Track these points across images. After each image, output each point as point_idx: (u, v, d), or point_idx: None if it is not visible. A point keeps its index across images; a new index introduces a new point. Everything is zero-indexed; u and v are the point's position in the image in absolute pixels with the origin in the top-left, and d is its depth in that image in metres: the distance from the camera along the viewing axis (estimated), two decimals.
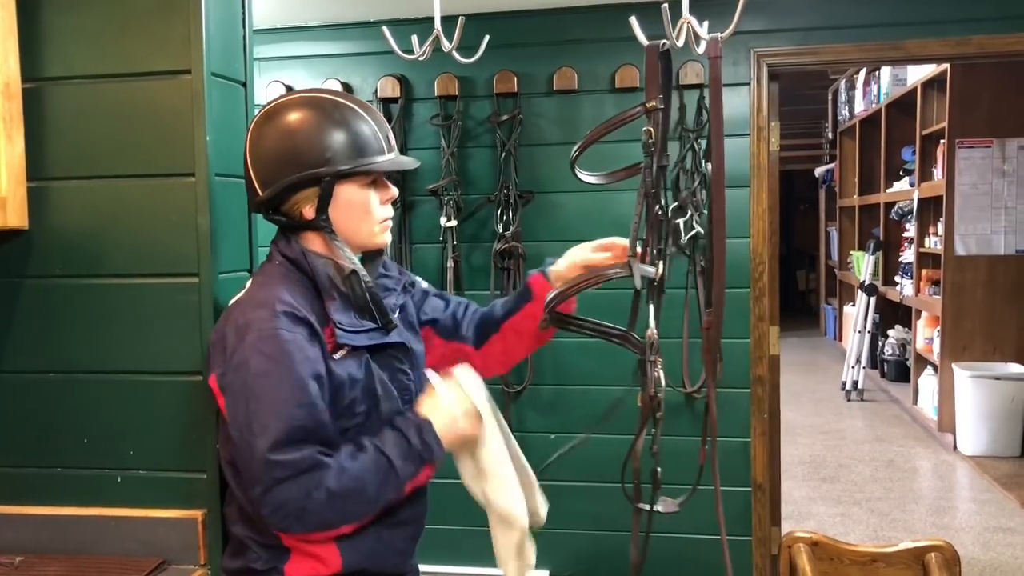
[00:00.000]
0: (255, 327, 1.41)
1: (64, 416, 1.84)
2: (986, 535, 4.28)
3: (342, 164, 1.49)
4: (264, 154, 1.51)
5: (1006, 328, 5.63)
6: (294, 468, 1.37)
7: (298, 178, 1.48)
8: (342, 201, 1.52)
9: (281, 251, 1.54)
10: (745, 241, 3.14)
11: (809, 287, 12.51)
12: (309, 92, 1.56)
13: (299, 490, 1.37)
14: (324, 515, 1.39)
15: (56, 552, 1.80)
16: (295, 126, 1.49)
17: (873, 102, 7.80)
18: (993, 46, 2.97)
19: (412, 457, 1.46)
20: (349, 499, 1.40)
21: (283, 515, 1.38)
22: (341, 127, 1.50)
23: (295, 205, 1.51)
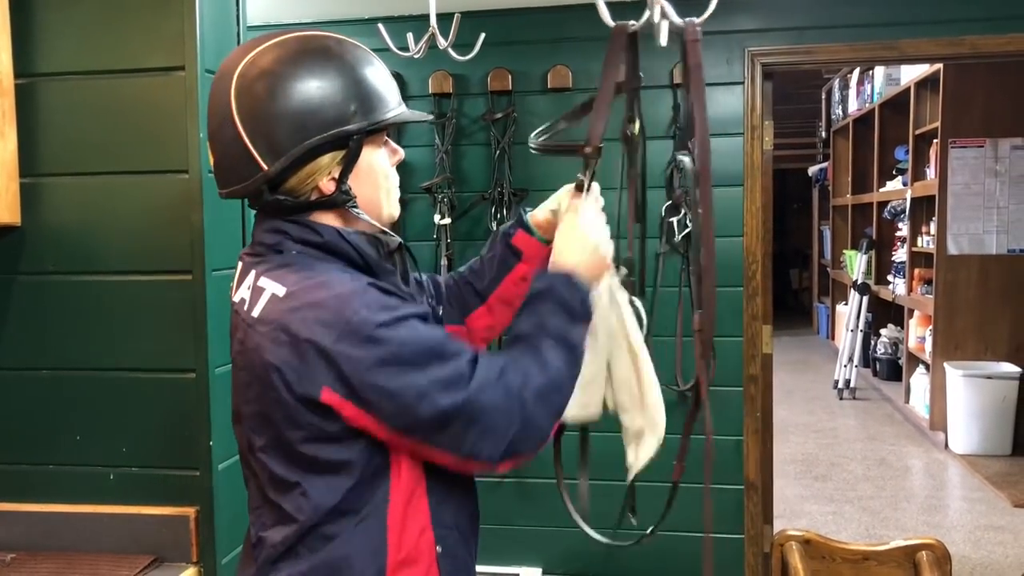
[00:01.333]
0: (355, 307, 1.11)
1: (56, 413, 1.83)
2: (977, 533, 4.30)
3: (369, 117, 1.20)
4: (267, 116, 1.16)
5: (998, 327, 5.65)
6: (490, 382, 1.15)
7: (323, 139, 1.17)
8: (363, 166, 1.23)
9: (299, 238, 1.21)
10: (738, 240, 3.14)
11: (802, 286, 12.53)
12: (300, 34, 1.25)
13: (506, 399, 1.15)
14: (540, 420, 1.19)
15: (48, 549, 1.80)
16: (302, 74, 1.18)
17: (866, 102, 7.82)
18: (986, 46, 2.98)
19: (577, 319, 1.25)
20: (552, 390, 1.21)
21: (510, 439, 1.16)
22: (359, 73, 1.22)
23: (310, 177, 1.20)
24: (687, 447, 1.44)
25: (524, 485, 3.26)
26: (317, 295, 1.13)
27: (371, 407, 1.12)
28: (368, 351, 1.10)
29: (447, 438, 1.14)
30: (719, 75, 3.13)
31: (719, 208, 3.14)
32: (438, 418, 1.12)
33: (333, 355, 1.10)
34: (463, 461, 1.17)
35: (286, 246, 1.21)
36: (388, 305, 1.14)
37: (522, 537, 3.27)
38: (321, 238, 1.20)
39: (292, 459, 1.18)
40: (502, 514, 3.28)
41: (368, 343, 1.10)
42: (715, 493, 3.22)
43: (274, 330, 1.14)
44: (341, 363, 1.10)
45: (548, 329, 1.22)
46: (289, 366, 1.12)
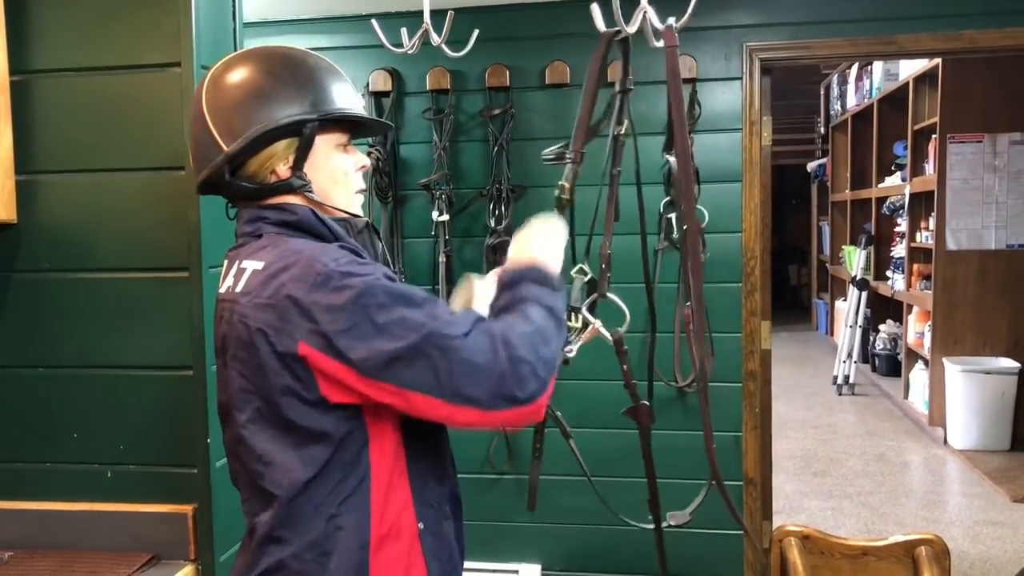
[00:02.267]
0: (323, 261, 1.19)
1: (53, 411, 1.83)
2: (976, 528, 4.30)
3: (320, 107, 1.30)
4: (229, 104, 1.28)
5: (997, 323, 5.65)
6: (467, 322, 1.17)
7: (275, 124, 1.26)
8: (320, 156, 1.32)
9: (275, 220, 1.30)
10: (737, 236, 3.14)
11: (801, 282, 12.53)
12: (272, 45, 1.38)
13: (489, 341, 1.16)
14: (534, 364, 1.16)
15: (46, 547, 1.80)
16: (263, 69, 1.30)
17: (865, 97, 7.81)
18: (984, 41, 2.98)
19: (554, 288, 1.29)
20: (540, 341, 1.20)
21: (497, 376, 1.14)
22: (321, 73, 1.33)
23: (266, 162, 1.29)
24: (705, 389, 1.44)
25: (524, 482, 3.26)
26: (290, 259, 1.21)
27: (344, 355, 1.15)
28: (337, 296, 1.16)
29: (425, 376, 1.14)
30: (717, 71, 3.12)
31: (718, 204, 3.14)
32: (409, 352, 1.14)
33: (306, 305, 1.17)
34: (454, 406, 1.15)
35: (264, 230, 1.30)
36: (356, 260, 1.22)
37: (521, 534, 3.27)
38: (296, 216, 1.29)
39: (272, 430, 1.23)
40: (501, 511, 3.28)
41: (336, 290, 1.16)
42: (714, 488, 3.21)
43: (255, 296, 1.22)
44: (315, 312, 1.16)
45: (526, 297, 1.25)
46: (270, 326, 1.19)
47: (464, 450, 3.27)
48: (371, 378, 1.16)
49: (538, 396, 1.17)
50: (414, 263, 3.31)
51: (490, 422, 1.18)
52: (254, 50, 1.35)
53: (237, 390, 1.25)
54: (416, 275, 3.31)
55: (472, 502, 3.51)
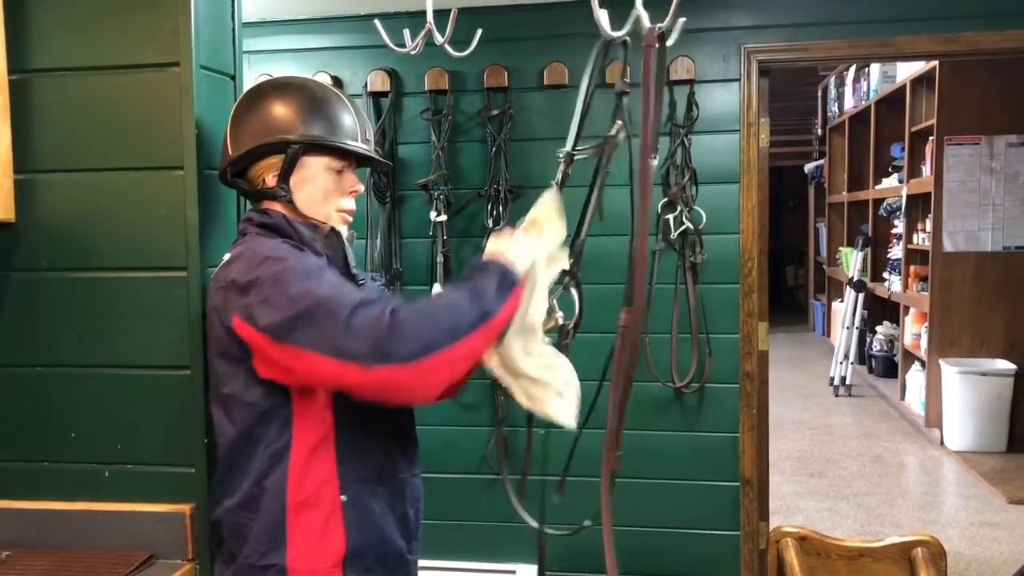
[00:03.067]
0: (263, 251, 1.44)
1: (51, 410, 1.83)
2: (972, 530, 4.31)
3: (311, 135, 1.52)
4: (243, 117, 1.56)
5: (993, 324, 5.65)
6: (365, 300, 1.35)
7: (267, 141, 1.52)
8: (306, 174, 1.54)
9: (257, 222, 1.54)
10: (735, 237, 3.14)
11: (798, 283, 12.55)
12: (296, 77, 1.64)
13: (378, 309, 1.32)
14: (417, 323, 1.30)
15: (43, 547, 1.80)
16: (276, 96, 1.56)
17: (863, 99, 7.83)
18: (982, 43, 2.98)
19: (492, 275, 1.38)
20: (436, 308, 1.34)
21: (375, 335, 1.29)
22: (321, 105, 1.55)
23: (259, 171, 1.55)
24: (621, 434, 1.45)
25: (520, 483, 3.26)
26: (244, 253, 1.47)
27: (258, 322, 1.37)
28: (259, 271, 1.39)
29: (313, 336, 1.32)
30: (715, 72, 3.13)
31: (716, 205, 3.14)
32: (302, 315, 1.33)
33: (242, 284, 1.41)
34: (333, 361, 1.31)
35: (248, 229, 1.55)
36: (291, 250, 1.45)
37: (518, 534, 3.27)
38: (271, 219, 1.53)
39: (217, 396, 1.51)
40: (498, 511, 3.28)
41: (263, 269, 1.39)
42: (711, 490, 3.22)
43: (215, 283, 1.50)
44: (245, 290, 1.40)
45: (460, 284, 1.41)
46: (218, 306, 1.46)
47: (461, 450, 3.28)
48: (277, 341, 1.36)
49: (421, 354, 1.29)
50: (412, 263, 3.31)
51: (376, 382, 1.31)
52: (282, 77, 1.64)
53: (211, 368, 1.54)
54: (414, 275, 3.31)
55: (469, 502, 3.54)
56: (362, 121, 1.60)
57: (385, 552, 1.54)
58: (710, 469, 3.21)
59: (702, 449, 3.22)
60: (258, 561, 1.46)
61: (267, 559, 1.46)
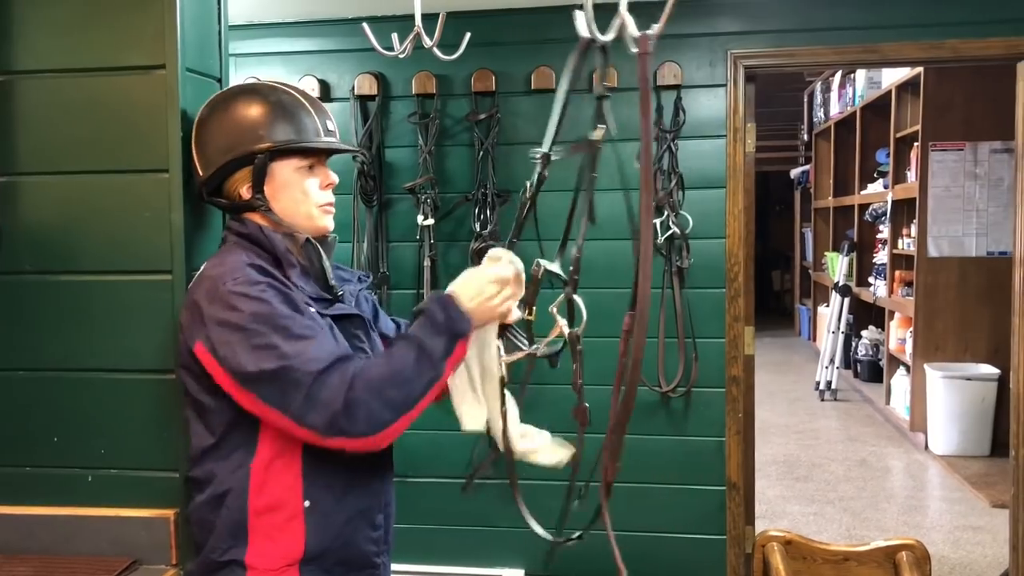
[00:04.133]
0: (226, 280, 1.44)
1: (33, 414, 1.81)
2: (956, 533, 4.33)
3: (274, 140, 1.53)
4: (204, 138, 1.58)
5: (977, 329, 5.69)
6: (326, 360, 1.39)
7: (233, 156, 1.53)
8: (278, 181, 1.56)
9: (235, 231, 1.57)
10: (721, 241, 3.15)
11: (784, 287, 12.60)
12: (252, 82, 1.67)
13: (339, 380, 1.37)
14: (371, 405, 1.38)
15: (25, 552, 1.78)
16: (232, 110, 1.56)
17: (848, 105, 7.87)
18: (966, 50, 3.01)
19: (440, 331, 1.46)
20: (389, 384, 1.40)
21: (330, 414, 1.36)
22: (275, 108, 1.55)
23: (233, 185, 1.56)
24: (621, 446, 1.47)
25: (507, 487, 3.25)
26: (212, 270, 1.50)
27: (221, 360, 1.42)
28: (226, 314, 1.41)
29: (276, 397, 1.39)
30: (702, 77, 3.14)
31: (702, 210, 3.15)
32: (266, 376, 1.38)
33: (205, 315, 1.44)
34: (292, 423, 1.40)
35: (228, 238, 1.59)
36: (255, 282, 1.44)
37: (504, 538, 3.26)
38: (247, 230, 1.55)
39: (188, 402, 1.54)
40: (484, 515, 3.27)
41: (227, 308, 1.42)
42: (697, 494, 3.23)
43: (187, 296, 1.53)
44: (207, 321, 1.43)
45: (408, 336, 1.47)
46: (184, 322, 1.50)
47: (447, 454, 3.27)
48: (239, 386, 1.42)
49: (372, 434, 1.40)
50: (399, 267, 3.31)
51: (328, 446, 1.41)
52: (233, 88, 1.64)
53: None
54: (401, 279, 3.31)
55: (455, 506, 3.52)
56: (321, 112, 1.60)
57: (348, 556, 1.56)
58: (696, 473, 3.22)
59: (688, 453, 3.22)
60: (220, 557, 1.51)
61: (228, 555, 1.50)
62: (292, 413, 1.38)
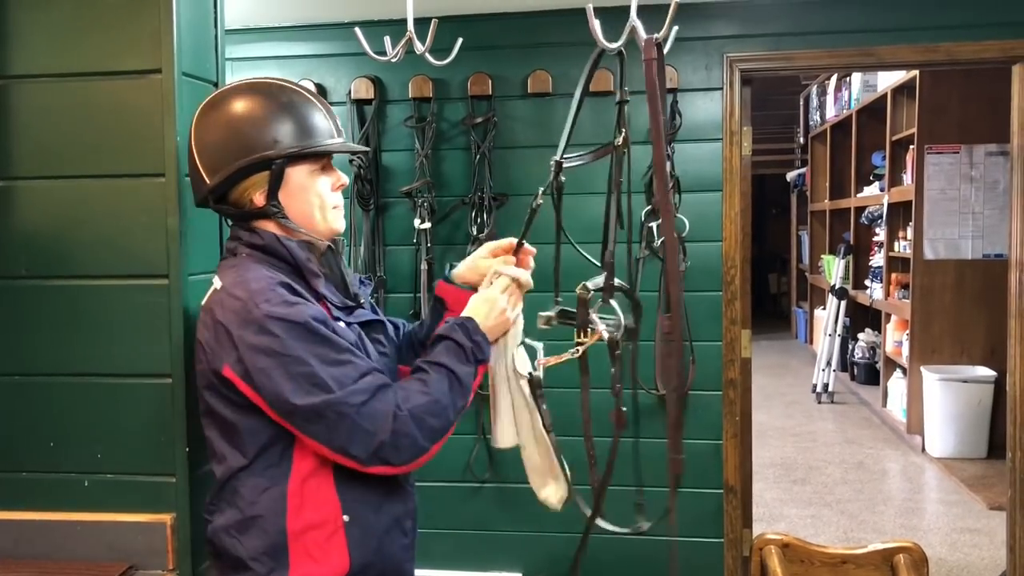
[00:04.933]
0: (259, 301, 1.37)
1: (29, 419, 1.81)
2: (953, 536, 4.34)
3: (291, 146, 1.47)
4: (210, 142, 1.48)
5: (974, 331, 5.70)
6: (368, 390, 1.37)
7: (247, 162, 1.45)
8: (293, 185, 1.49)
9: (247, 242, 1.49)
10: (717, 244, 3.15)
11: (780, 290, 12.61)
12: (254, 79, 1.54)
13: (383, 411, 1.37)
14: (415, 436, 1.39)
15: (21, 558, 1.78)
16: (241, 111, 1.48)
17: (844, 108, 7.88)
18: (962, 53, 3.01)
19: (468, 360, 1.49)
20: (429, 414, 1.41)
21: (377, 444, 1.36)
22: (288, 110, 1.48)
23: (244, 192, 1.48)
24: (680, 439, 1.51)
25: (504, 490, 3.26)
26: (236, 289, 1.40)
27: (258, 389, 1.36)
28: (260, 339, 1.35)
29: (319, 430, 1.36)
30: (698, 81, 3.14)
31: (698, 213, 3.15)
32: (310, 410, 1.35)
33: (235, 339, 1.37)
34: (334, 454, 1.39)
35: (239, 250, 1.50)
36: (290, 303, 1.38)
37: (502, 542, 3.26)
38: (263, 241, 1.48)
39: (214, 422, 1.46)
40: (482, 519, 3.27)
41: (262, 332, 1.35)
42: (695, 497, 3.23)
43: (206, 314, 1.44)
44: (239, 346, 1.36)
45: (439, 363, 1.46)
46: (208, 343, 1.41)
47: (445, 458, 3.26)
48: (276, 413, 1.38)
49: (411, 462, 1.41)
50: (396, 271, 3.30)
51: (367, 472, 1.41)
52: (236, 87, 1.52)
53: (196, 385, 1.49)
54: (397, 283, 3.31)
55: (453, 510, 3.52)
56: (329, 112, 1.55)
57: (386, 567, 1.53)
58: (693, 476, 3.22)
59: (686, 456, 3.21)
60: None
61: None
62: (335, 445, 1.37)
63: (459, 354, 1.48)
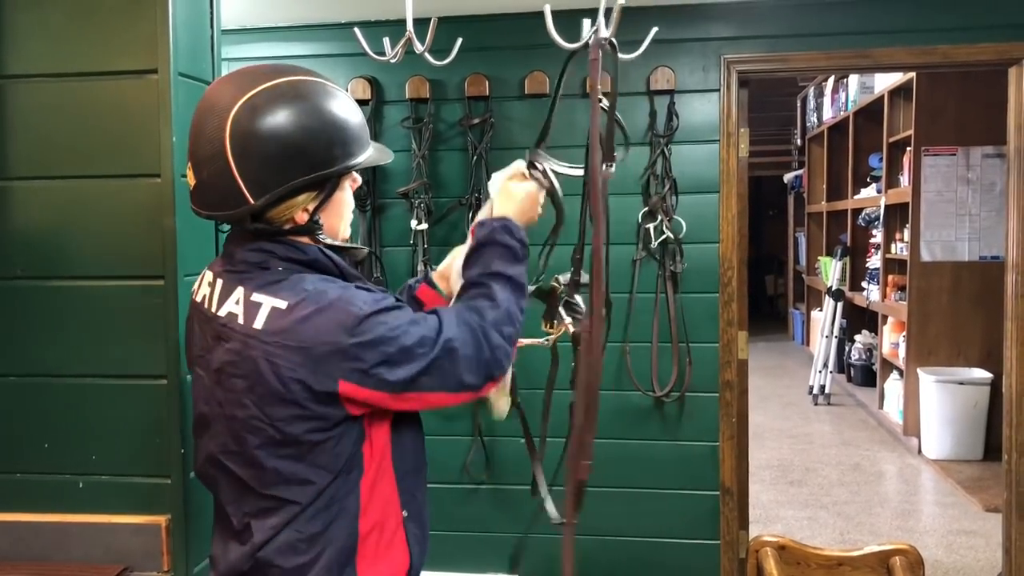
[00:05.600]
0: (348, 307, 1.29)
1: (24, 420, 1.81)
2: (949, 538, 4.34)
3: (347, 160, 1.36)
4: (258, 154, 1.29)
5: (970, 333, 5.71)
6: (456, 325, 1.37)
7: (308, 180, 1.32)
8: (336, 199, 1.40)
9: (285, 256, 1.36)
10: (714, 246, 3.16)
11: (777, 292, 12.61)
12: (291, 79, 1.36)
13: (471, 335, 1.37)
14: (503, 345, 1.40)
15: (16, 560, 1.77)
16: (293, 119, 1.31)
17: (841, 109, 7.89)
18: (958, 55, 3.02)
19: (518, 258, 1.49)
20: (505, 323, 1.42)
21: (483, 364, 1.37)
22: (340, 117, 1.36)
23: (288, 210, 1.35)
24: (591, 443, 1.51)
25: (500, 492, 3.26)
26: (320, 302, 1.30)
27: (382, 382, 1.30)
28: (371, 335, 1.29)
29: (440, 379, 1.34)
30: (695, 82, 3.14)
31: (696, 215, 3.15)
32: (429, 366, 1.32)
33: (346, 348, 1.28)
34: (455, 395, 1.37)
35: (272, 264, 1.36)
36: (375, 298, 1.34)
37: (499, 543, 3.26)
38: (307, 256, 1.37)
39: (293, 452, 1.33)
40: (478, 520, 3.27)
41: (370, 330, 1.29)
42: (691, 499, 3.23)
43: (285, 339, 1.28)
44: (355, 353, 1.28)
45: (493, 271, 1.45)
46: (304, 368, 1.27)
47: (441, 460, 3.26)
48: (402, 393, 1.33)
49: (507, 368, 1.43)
50: (393, 272, 3.30)
51: (476, 397, 1.41)
52: (279, 86, 1.33)
53: (248, 416, 1.32)
54: (395, 284, 3.30)
55: (450, 511, 3.52)
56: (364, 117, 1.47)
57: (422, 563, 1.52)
58: (690, 478, 3.22)
59: (682, 458, 3.22)
60: None
61: None
62: (453, 383, 1.36)
63: (508, 256, 1.48)
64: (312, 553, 1.35)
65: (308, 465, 1.33)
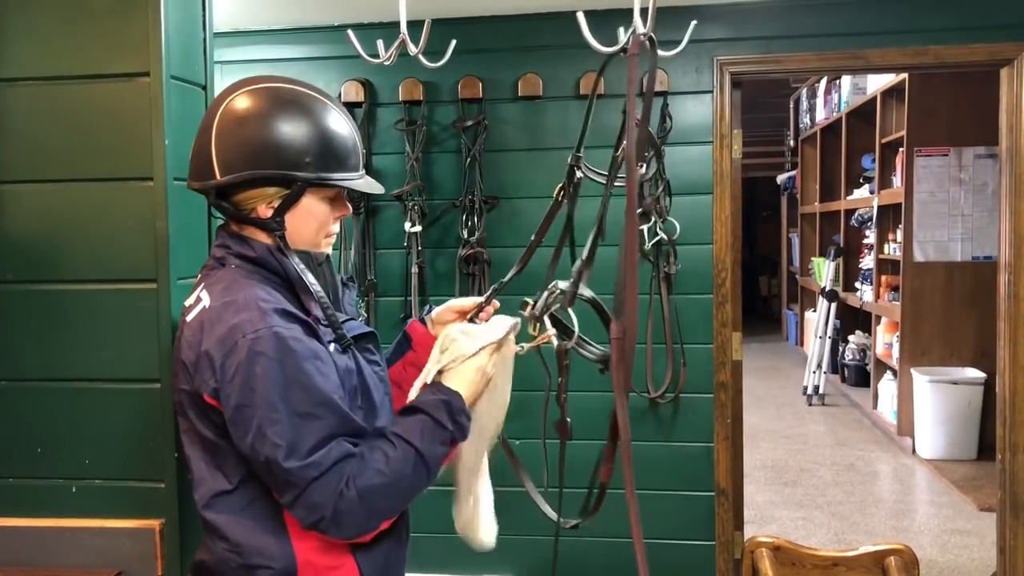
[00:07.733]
0: (246, 330, 1.29)
1: (16, 425, 1.80)
2: (944, 537, 4.35)
3: (319, 172, 1.40)
4: (235, 137, 1.38)
5: (963, 333, 5.72)
6: (325, 465, 1.28)
7: (268, 174, 1.37)
8: (302, 208, 1.42)
9: (237, 252, 1.42)
10: (708, 247, 3.16)
11: (771, 293, 12.63)
12: (300, 86, 1.46)
13: (334, 486, 1.28)
14: (358, 516, 1.31)
15: (8, 564, 1.76)
16: (278, 117, 1.39)
17: (834, 110, 7.91)
18: (950, 56, 3.03)
19: (445, 441, 1.40)
20: (381, 495, 1.33)
21: (318, 518, 1.29)
22: (325, 134, 1.41)
23: (250, 200, 1.41)
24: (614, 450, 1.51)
25: (497, 494, 3.25)
26: (225, 313, 1.33)
27: (230, 420, 1.31)
28: (240, 375, 1.28)
29: (271, 480, 1.31)
30: (688, 84, 3.15)
31: (689, 216, 3.16)
32: (266, 464, 1.29)
33: (216, 368, 1.30)
34: (280, 501, 1.33)
35: (228, 261, 1.42)
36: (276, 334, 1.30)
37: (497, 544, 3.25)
38: (254, 253, 1.41)
39: (196, 442, 1.39)
40: None
41: (242, 368, 1.28)
42: (686, 499, 3.23)
43: (194, 334, 1.35)
44: (220, 376, 1.30)
45: (409, 441, 1.37)
46: (193, 365, 1.34)
47: None
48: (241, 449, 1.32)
49: (352, 538, 1.35)
50: (386, 274, 3.30)
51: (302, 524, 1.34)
52: (281, 89, 1.44)
53: (177, 401, 1.41)
54: (388, 286, 3.30)
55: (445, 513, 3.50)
56: (358, 139, 1.50)
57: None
58: (685, 479, 3.22)
59: (677, 459, 3.22)
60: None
61: None
62: (284, 501, 1.31)
63: (435, 434, 1.39)
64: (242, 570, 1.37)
65: (205, 462, 1.39)
